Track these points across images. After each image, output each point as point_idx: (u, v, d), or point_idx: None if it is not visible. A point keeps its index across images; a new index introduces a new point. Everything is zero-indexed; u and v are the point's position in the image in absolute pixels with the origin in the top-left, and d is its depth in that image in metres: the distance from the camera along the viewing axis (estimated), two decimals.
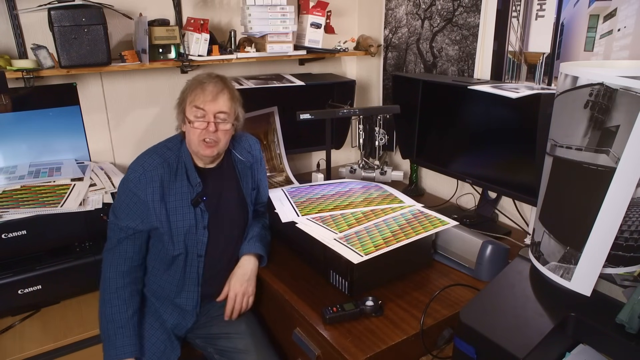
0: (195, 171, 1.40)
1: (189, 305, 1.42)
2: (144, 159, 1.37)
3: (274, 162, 2.16)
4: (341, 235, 1.31)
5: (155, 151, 1.40)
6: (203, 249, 1.40)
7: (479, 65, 1.79)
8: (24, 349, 1.41)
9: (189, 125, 1.35)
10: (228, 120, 1.37)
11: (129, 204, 1.33)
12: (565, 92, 0.92)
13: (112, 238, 1.37)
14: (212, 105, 1.33)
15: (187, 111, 1.36)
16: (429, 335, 1.18)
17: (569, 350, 0.91)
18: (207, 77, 1.38)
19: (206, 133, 1.34)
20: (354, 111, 1.92)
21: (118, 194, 1.38)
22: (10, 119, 1.69)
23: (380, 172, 2.15)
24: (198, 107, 1.33)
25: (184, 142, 1.42)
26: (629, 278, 0.92)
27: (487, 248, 1.37)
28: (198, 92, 1.34)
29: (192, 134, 1.35)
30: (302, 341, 1.27)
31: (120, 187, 1.38)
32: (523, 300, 0.96)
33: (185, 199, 1.37)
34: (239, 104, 1.42)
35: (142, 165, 1.35)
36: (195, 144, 1.36)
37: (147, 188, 1.33)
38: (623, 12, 1.32)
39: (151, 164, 1.36)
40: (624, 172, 0.84)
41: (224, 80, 1.39)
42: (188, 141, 1.39)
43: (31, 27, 1.65)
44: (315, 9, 1.97)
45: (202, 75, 1.39)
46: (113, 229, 1.36)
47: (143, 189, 1.33)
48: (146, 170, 1.34)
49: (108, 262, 1.35)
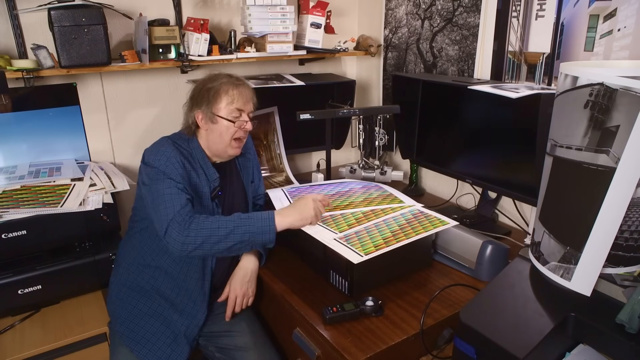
0: (212, 166, 1.44)
1: (203, 301, 1.41)
2: (160, 150, 1.36)
3: (274, 162, 2.16)
4: (341, 235, 1.31)
5: (166, 144, 1.39)
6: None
7: (479, 65, 1.79)
8: (24, 349, 1.40)
9: (226, 124, 1.39)
10: (253, 121, 1.46)
11: (164, 180, 1.31)
12: (565, 92, 0.92)
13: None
14: (248, 106, 1.44)
15: (223, 111, 1.39)
16: (429, 335, 1.18)
17: (569, 350, 0.91)
18: (237, 79, 1.45)
19: (241, 132, 1.42)
20: (354, 111, 1.92)
21: (150, 184, 1.32)
22: (10, 119, 1.69)
23: (380, 172, 2.15)
24: (240, 109, 1.41)
25: (193, 140, 1.44)
26: (629, 278, 0.92)
27: (487, 248, 1.37)
28: (237, 94, 1.41)
29: (226, 133, 1.40)
30: (302, 341, 1.27)
31: (151, 177, 1.33)
32: (523, 300, 0.96)
33: (204, 191, 1.39)
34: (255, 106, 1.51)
35: (164, 153, 1.34)
36: (225, 143, 1.41)
37: (177, 170, 1.32)
38: (623, 12, 1.32)
39: (171, 152, 1.35)
40: (624, 172, 0.84)
41: (248, 84, 1.49)
42: (214, 139, 1.42)
43: (31, 27, 1.65)
44: (315, 9, 1.97)
45: (232, 78, 1.45)
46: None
47: (174, 172, 1.32)
48: (170, 158, 1.33)
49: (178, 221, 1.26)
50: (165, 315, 1.38)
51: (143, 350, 1.32)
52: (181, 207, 1.27)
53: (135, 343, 1.33)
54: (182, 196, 1.29)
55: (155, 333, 1.35)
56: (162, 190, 1.29)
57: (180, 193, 1.29)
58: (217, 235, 1.24)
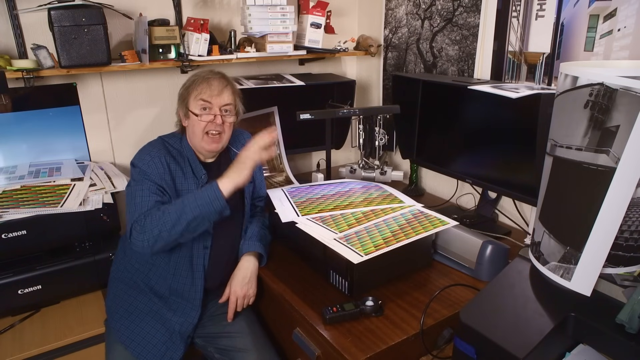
0: (200, 164, 1.43)
1: (195, 299, 1.41)
2: (147, 149, 1.39)
3: (274, 162, 2.16)
4: (341, 235, 1.31)
5: (156, 144, 1.41)
6: (209, 240, 1.41)
7: (479, 65, 1.79)
8: (24, 349, 1.41)
9: (194, 118, 1.38)
10: (232, 113, 1.42)
11: (143, 181, 1.32)
12: (565, 92, 0.92)
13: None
14: (218, 98, 1.39)
15: (192, 105, 1.39)
16: (429, 335, 1.18)
17: (569, 350, 0.91)
18: (211, 72, 1.42)
19: (212, 125, 1.38)
20: (354, 111, 1.92)
21: (130, 185, 1.34)
22: (10, 119, 1.69)
23: (380, 172, 2.15)
24: (205, 100, 1.37)
25: (184, 138, 1.44)
26: (629, 278, 0.92)
27: (487, 248, 1.37)
28: (204, 87, 1.38)
29: (197, 127, 1.38)
30: (302, 341, 1.27)
31: (133, 177, 1.35)
32: (523, 300, 0.96)
33: (191, 189, 1.39)
34: (240, 100, 1.48)
35: (149, 153, 1.37)
36: (199, 138, 1.39)
37: (157, 170, 1.34)
38: (623, 12, 1.32)
39: (157, 152, 1.37)
40: (624, 172, 0.84)
41: (226, 76, 1.45)
42: (190, 135, 1.41)
43: (31, 27, 1.65)
44: (315, 9, 1.97)
45: (205, 71, 1.43)
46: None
47: (154, 172, 1.33)
48: (153, 157, 1.35)
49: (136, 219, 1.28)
50: (161, 314, 1.39)
51: (138, 347, 1.32)
52: (147, 209, 1.28)
53: (130, 340, 1.33)
54: (152, 198, 1.30)
55: (150, 331, 1.36)
56: (134, 192, 1.31)
57: (151, 195, 1.30)
58: (170, 221, 1.24)
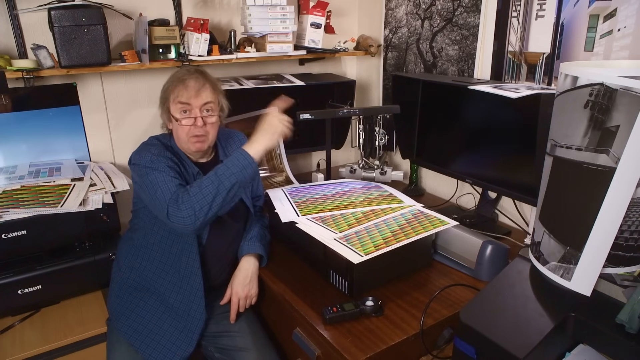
0: (192, 163, 1.42)
1: (199, 297, 1.39)
2: (146, 148, 1.37)
3: (274, 162, 2.16)
4: (341, 235, 1.31)
5: (153, 143, 1.40)
6: (204, 237, 1.41)
7: (479, 65, 1.79)
8: (24, 349, 1.40)
9: (176, 123, 1.36)
10: (214, 113, 1.39)
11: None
12: (565, 92, 0.92)
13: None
14: (197, 99, 1.35)
15: (172, 109, 1.36)
16: (429, 335, 1.18)
17: (569, 350, 0.91)
18: (187, 72, 1.38)
19: (195, 129, 1.35)
20: (354, 111, 1.92)
21: (144, 175, 1.32)
22: (10, 119, 1.69)
23: (380, 172, 2.15)
24: (183, 103, 1.34)
25: (172, 139, 1.43)
26: (629, 278, 0.92)
27: (487, 248, 1.37)
28: (181, 88, 1.35)
29: (181, 131, 1.36)
30: (302, 341, 1.27)
31: (139, 174, 1.33)
32: (523, 300, 0.96)
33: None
34: (222, 95, 1.44)
35: (148, 151, 1.35)
36: (184, 141, 1.37)
37: (163, 164, 1.32)
38: (623, 12, 1.32)
39: (157, 149, 1.36)
40: (624, 172, 0.84)
41: (204, 73, 1.40)
42: (177, 138, 1.40)
43: (31, 27, 1.65)
44: (315, 9, 1.97)
45: (181, 72, 1.39)
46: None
47: (160, 165, 1.31)
48: (154, 154, 1.34)
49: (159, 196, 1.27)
50: (166, 313, 1.38)
51: (143, 344, 1.32)
52: (175, 188, 1.27)
53: (134, 338, 1.33)
54: (174, 181, 1.29)
55: (159, 331, 1.35)
56: (153, 180, 1.29)
57: (172, 179, 1.29)
58: (210, 193, 1.23)
